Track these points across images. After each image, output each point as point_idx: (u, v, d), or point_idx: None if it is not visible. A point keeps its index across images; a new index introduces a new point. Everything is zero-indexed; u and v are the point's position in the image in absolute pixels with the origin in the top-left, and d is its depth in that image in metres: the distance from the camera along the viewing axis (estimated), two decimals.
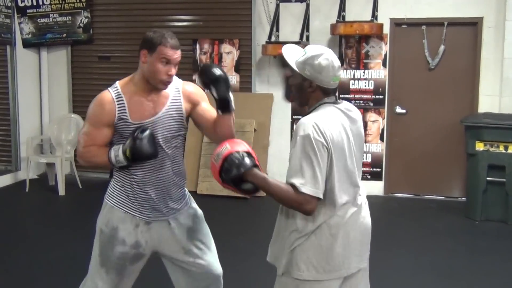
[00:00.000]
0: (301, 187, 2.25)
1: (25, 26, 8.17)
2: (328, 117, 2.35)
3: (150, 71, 2.70)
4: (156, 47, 2.66)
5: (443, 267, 4.93)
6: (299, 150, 2.28)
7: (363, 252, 2.50)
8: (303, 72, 2.39)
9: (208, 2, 7.81)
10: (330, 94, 2.43)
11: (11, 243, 5.49)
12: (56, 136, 7.85)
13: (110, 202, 2.86)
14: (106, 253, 2.83)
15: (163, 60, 2.67)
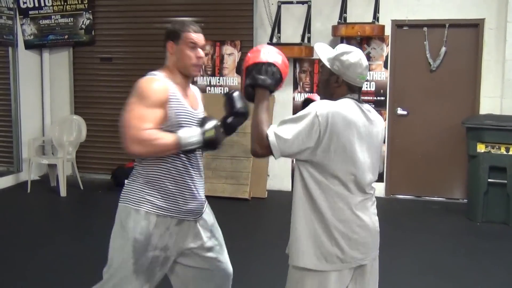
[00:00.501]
0: (270, 135, 2.39)
1: (27, 27, 8.18)
2: (345, 108, 2.40)
3: (180, 59, 2.74)
4: (181, 34, 2.74)
5: (444, 268, 4.93)
6: (300, 113, 2.40)
7: (367, 249, 2.50)
8: (332, 67, 2.48)
9: (210, 4, 7.83)
10: (354, 92, 2.51)
11: (12, 244, 5.49)
12: (58, 137, 7.86)
13: (143, 208, 2.70)
14: (141, 261, 2.71)
15: (191, 44, 2.74)
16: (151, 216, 2.70)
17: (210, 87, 7.85)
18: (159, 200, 2.72)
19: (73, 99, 8.49)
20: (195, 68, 2.78)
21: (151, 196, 2.71)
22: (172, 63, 2.77)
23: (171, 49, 2.75)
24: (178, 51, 2.74)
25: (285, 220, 7.16)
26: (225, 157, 7.35)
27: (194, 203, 2.83)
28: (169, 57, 2.78)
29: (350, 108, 2.41)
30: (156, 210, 2.71)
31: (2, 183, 7.79)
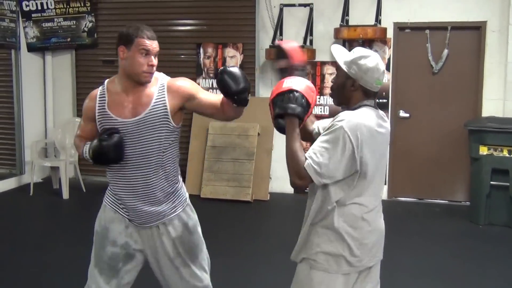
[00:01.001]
0: (307, 163, 2.31)
1: (30, 30, 8.20)
2: (369, 119, 2.40)
3: (131, 65, 2.65)
4: (133, 40, 2.63)
5: (447, 271, 4.92)
6: (329, 134, 2.34)
7: (375, 253, 2.51)
8: (348, 71, 2.45)
9: (212, 7, 7.84)
10: (370, 97, 2.50)
11: (15, 246, 5.50)
12: (60, 140, 7.87)
13: (104, 201, 2.90)
14: (99, 253, 2.85)
15: (143, 51, 2.64)
16: (108, 211, 2.86)
17: (212, 90, 7.85)
18: (115, 200, 2.85)
19: (76, 101, 8.50)
20: (145, 77, 2.68)
21: (111, 193, 2.88)
22: (121, 68, 2.73)
23: (122, 54, 2.68)
24: (129, 57, 2.66)
25: (288, 223, 7.21)
26: (227, 159, 7.35)
27: (140, 217, 2.80)
28: (120, 63, 2.73)
29: (372, 119, 2.41)
30: (112, 207, 2.85)
31: (5, 186, 7.80)
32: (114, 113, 2.73)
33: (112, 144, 2.65)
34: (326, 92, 7.49)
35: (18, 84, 8.04)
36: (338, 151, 2.29)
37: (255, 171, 7.28)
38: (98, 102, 2.79)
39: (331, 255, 2.42)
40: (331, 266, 2.42)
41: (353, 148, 2.30)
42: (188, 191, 3.03)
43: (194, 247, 2.93)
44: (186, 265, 2.89)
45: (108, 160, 2.71)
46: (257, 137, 7.39)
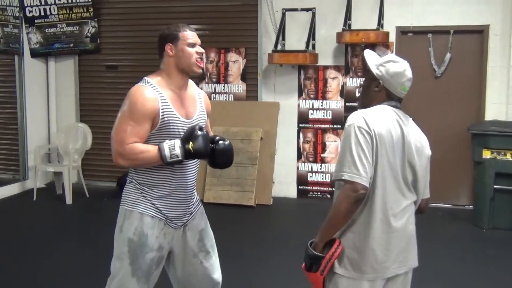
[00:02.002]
0: (343, 175, 2.30)
1: (33, 36, 8.23)
2: (379, 113, 2.41)
3: (182, 57, 2.77)
4: (178, 35, 2.77)
5: (450, 275, 4.91)
6: (343, 141, 2.36)
7: (403, 259, 2.49)
8: (375, 72, 2.48)
9: (215, 11, 7.85)
10: (393, 100, 2.51)
11: (18, 251, 5.50)
12: (64, 145, 7.88)
13: (138, 209, 2.77)
14: (137, 262, 2.76)
15: (190, 43, 2.78)
16: (144, 217, 2.77)
17: (215, 94, 7.87)
18: (152, 202, 2.79)
19: (79, 107, 8.52)
20: (197, 66, 2.80)
21: (144, 198, 2.78)
22: (172, 65, 2.79)
23: (171, 51, 2.78)
24: (178, 51, 2.77)
25: (291, 227, 7.22)
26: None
27: (181, 210, 2.86)
28: (167, 61, 2.80)
29: (384, 113, 2.41)
30: (149, 212, 2.78)
31: (8, 191, 7.81)
32: (178, 112, 2.76)
33: (207, 138, 2.70)
34: (329, 96, 7.49)
35: (21, 90, 8.05)
36: (363, 145, 2.30)
37: (258, 176, 7.28)
38: (161, 102, 2.70)
39: (356, 260, 2.39)
40: (356, 272, 2.40)
41: (371, 138, 2.32)
42: None
43: (213, 238, 3.07)
44: (210, 257, 3.00)
45: (206, 153, 2.71)
46: (260, 142, 7.39)
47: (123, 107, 2.71)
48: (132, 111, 2.67)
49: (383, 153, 2.36)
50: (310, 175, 7.65)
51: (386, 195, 2.40)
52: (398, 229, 2.43)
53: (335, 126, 7.51)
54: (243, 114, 7.62)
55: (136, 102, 2.67)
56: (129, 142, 2.66)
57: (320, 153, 7.61)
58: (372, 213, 2.38)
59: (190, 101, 2.86)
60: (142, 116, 2.66)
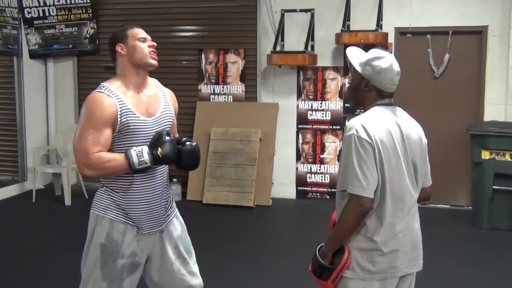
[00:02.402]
0: (348, 188, 2.31)
1: (32, 37, 8.23)
2: (377, 117, 2.41)
3: (134, 53, 2.75)
4: (126, 33, 2.79)
5: (450, 276, 4.91)
6: (345, 151, 2.36)
7: (411, 258, 2.50)
8: (362, 72, 2.46)
9: (213, 12, 7.85)
10: (384, 97, 2.49)
11: (17, 253, 5.50)
12: (63, 146, 7.88)
13: (109, 215, 2.75)
14: (108, 267, 2.74)
15: (140, 39, 2.77)
16: (115, 224, 2.75)
17: (214, 95, 7.86)
18: (122, 208, 2.75)
19: (78, 108, 8.51)
20: (152, 55, 2.78)
21: (115, 204, 2.75)
22: (127, 64, 2.77)
23: (122, 50, 2.78)
24: (130, 48, 2.76)
25: (290, 228, 7.21)
26: (230, 165, 7.35)
27: (153, 216, 2.81)
28: (121, 61, 2.80)
29: (382, 119, 2.41)
30: (120, 218, 2.75)
31: (7, 193, 7.80)
32: (137, 111, 2.70)
33: (174, 143, 2.67)
34: (328, 97, 7.49)
35: (20, 91, 8.05)
36: (365, 156, 2.30)
37: (257, 177, 7.28)
38: (118, 104, 2.65)
39: (363, 261, 2.40)
40: (364, 273, 2.40)
41: (372, 148, 2.31)
42: (190, 197, 3.06)
43: (190, 244, 3.02)
44: (187, 264, 2.95)
45: (173, 159, 2.66)
46: (259, 143, 7.39)
47: (81, 116, 2.66)
48: (91, 119, 2.61)
49: (387, 158, 2.35)
50: (309, 176, 7.65)
51: (395, 199, 2.40)
52: (404, 229, 2.44)
53: (334, 127, 7.51)
54: (242, 115, 7.62)
55: (94, 110, 2.62)
56: (94, 152, 2.59)
57: (319, 154, 7.61)
58: (381, 217, 2.38)
59: (151, 99, 2.80)
60: (102, 123, 2.61)
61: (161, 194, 2.84)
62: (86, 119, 2.62)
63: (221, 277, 4.68)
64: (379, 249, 2.38)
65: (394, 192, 2.39)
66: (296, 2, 7.46)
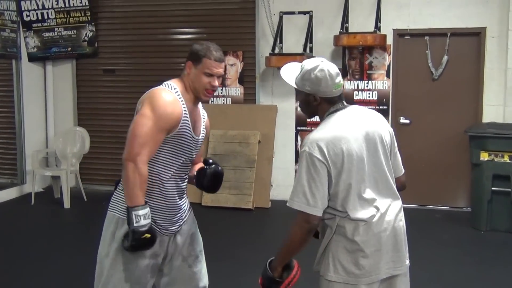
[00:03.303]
0: (294, 204, 2.35)
1: (31, 40, 8.23)
2: (331, 128, 2.39)
3: (194, 81, 2.73)
4: (201, 59, 2.71)
5: (449, 277, 4.91)
6: (299, 167, 2.37)
7: (395, 258, 2.48)
8: (304, 88, 2.44)
9: (212, 15, 7.86)
10: (336, 103, 2.46)
11: (16, 256, 5.49)
12: (62, 149, 7.88)
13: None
14: (131, 268, 2.73)
15: (207, 72, 2.71)
16: None
17: (213, 98, 7.86)
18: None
19: (77, 111, 8.52)
20: (207, 94, 2.76)
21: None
22: (187, 81, 2.76)
23: (189, 69, 2.75)
24: (194, 74, 2.73)
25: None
26: (228, 167, 7.34)
27: (174, 218, 2.83)
28: (185, 75, 2.78)
29: (335, 127, 2.39)
30: None
31: (6, 195, 7.80)
32: (192, 127, 2.75)
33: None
34: None
35: (19, 94, 8.05)
36: (314, 175, 2.31)
37: (256, 179, 7.28)
38: (183, 112, 2.68)
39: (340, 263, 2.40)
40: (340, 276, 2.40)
41: (326, 165, 2.32)
42: (190, 199, 3.05)
43: (201, 242, 3.04)
44: (199, 262, 2.97)
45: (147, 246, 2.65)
46: (258, 145, 7.39)
47: (148, 108, 2.60)
48: (159, 118, 2.59)
49: (346, 167, 2.34)
50: None
51: (365, 201, 2.39)
52: (385, 229, 2.44)
53: None
54: (241, 117, 7.62)
55: (165, 109, 2.61)
56: (144, 156, 2.57)
57: None
58: (356, 220, 2.37)
59: (198, 118, 2.86)
60: (166, 125, 2.61)
61: (184, 196, 2.89)
62: (154, 115, 2.58)
63: (220, 279, 4.68)
64: (361, 249, 2.37)
65: (362, 195, 2.38)
66: (295, 4, 7.46)
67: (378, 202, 2.43)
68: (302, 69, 2.45)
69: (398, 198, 2.56)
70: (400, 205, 2.57)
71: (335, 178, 2.34)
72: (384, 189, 2.48)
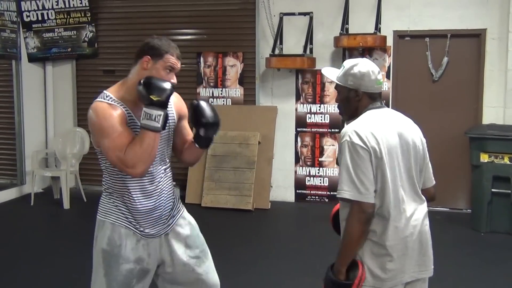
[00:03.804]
0: (344, 194, 2.30)
1: (31, 40, 8.23)
2: (371, 121, 2.40)
3: None
4: (163, 55, 2.63)
5: (449, 279, 4.90)
6: (342, 158, 2.34)
7: (421, 262, 2.49)
8: (346, 84, 2.47)
9: (212, 16, 7.86)
10: (376, 99, 2.50)
11: (16, 256, 5.49)
12: (61, 149, 7.88)
13: (109, 220, 2.71)
14: (112, 273, 2.68)
15: (168, 68, 2.64)
16: (116, 227, 2.70)
17: (213, 99, 7.87)
18: (122, 212, 2.70)
19: (76, 111, 8.52)
20: None
21: (117, 209, 2.70)
22: (140, 76, 2.64)
23: (146, 64, 2.64)
24: (153, 69, 2.63)
25: (289, 231, 7.19)
26: (228, 168, 7.34)
27: (154, 218, 2.75)
28: (138, 71, 2.67)
29: (374, 121, 2.40)
30: (123, 223, 2.70)
31: (6, 196, 7.79)
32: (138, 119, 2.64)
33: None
34: (327, 100, 7.50)
35: (18, 94, 8.05)
36: (359, 162, 2.30)
37: (256, 180, 7.27)
38: (126, 113, 2.61)
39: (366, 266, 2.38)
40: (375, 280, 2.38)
41: (369, 153, 2.31)
42: (189, 200, 3.04)
43: (204, 242, 2.97)
44: (202, 263, 2.90)
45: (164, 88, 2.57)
46: (258, 146, 7.38)
47: (96, 128, 2.57)
48: (107, 125, 2.53)
49: (384, 161, 2.34)
50: (308, 179, 7.65)
51: (397, 202, 2.39)
52: (412, 234, 2.44)
53: (333, 130, 7.51)
54: (240, 118, 7.62)
55: (104, 116, 2.55)
56: (123, 149, 2.51)
57: (318, 157, 7.61)
58: (387, 222, 2.37)
59: None
60: (121, 123, 2.56)
61: (164, 197, 2.77)
62: (103, 128, 2.54)
63: (220, 280, 4.67)
64: (389, 254, 2.36)
65: (395, 195, 2.38)
66: (295, 5, 7.47)
67: (406, 204, 2.43)
68: (344, 67, 2.50)
69: (424, 202, 2.55)
70: (426, 210, 2.56)
71: (375, 168, 2.33)
72: (412, 191, 2.48)
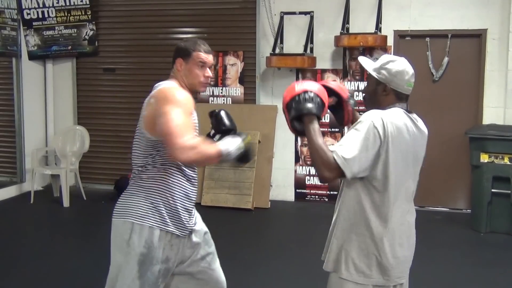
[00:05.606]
0: (336, 155, 2.27)
1: (31, 38, 8.22)
2: (397, 115, 2.39)
3: (187, 76, 2.80)
4: (191, 53, 2.79)
5: (448, 279, 4.91)
6: (358, 130, 2.31)
7: (406, 268, 2.49)
8: (378, 76, 2.46)
9: (213, 14, 7.86)
10: (402, 100, 2.49)
11: (15, 254, 5.48)
12: (61, 147, 7.87)
13: (148, 223, 2.67)
14: (146, 275, 2.69)
15: (200, 64, 2.80)
16: (155, 231, 2.68)
17: (213, 98, 7.87)
18: (162, 215, 2.70)
19: (77, 109, 8.51)
20: (202, 85, 2.84)
21: (156, 209, 2.69)
22: (180, 78, 2.81)
23: (180, 66, 2.80)
24: (186, 69, 2.80)
25: (288, 230, 7.19)
26: (228, 167, 7.34)
27: (188, 217, 2.81)
28: (176, 74, 2.82)
29: (401, 117, 2.40)
30: (159, 225, 2.69)
31: (5, 194, 7.79)
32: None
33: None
34: None
35: (19, 92, 8.05)
36: (366, 142, 2.28)
37: (255, 179, 7.27)
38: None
39: (353, 262, 2.38)
40: (366, 278, 2.38)
41: (380, 142, 2.29)
42: None
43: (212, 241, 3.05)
44: (216, 259, 3.01)
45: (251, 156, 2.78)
46: (258, 145, 7.38)
47: (166, 105, 2.57)
48: (181, 105, 2.60)
49: (396, 160, 2.34)
50: (307, 179, 7.65)
51: (401, 201, 2.39)
52: (410, 236, 2.46)
53: (333, 130, 7.51)
54: (241, 117, 7.60)
55: (181, 98, 2.64)
56: (191, 136, 2.52)
57: None
58: (386, 221, 2.36)
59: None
60: (189, 110, 2.67)
61: (195, 196, 2.87)
62: (176, 105, 2.58)
63: None
64: (380, 253, 2.36)
65: (400, 195, 2.38)
66: (296, 4, 7.46)
67: (405, 205, 2.44)
68: (382, 59, 2.49)
69: (414, 212, 2.55)
70: (415, 216, 2.56)
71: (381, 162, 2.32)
72: (410, 197, 2.49)
